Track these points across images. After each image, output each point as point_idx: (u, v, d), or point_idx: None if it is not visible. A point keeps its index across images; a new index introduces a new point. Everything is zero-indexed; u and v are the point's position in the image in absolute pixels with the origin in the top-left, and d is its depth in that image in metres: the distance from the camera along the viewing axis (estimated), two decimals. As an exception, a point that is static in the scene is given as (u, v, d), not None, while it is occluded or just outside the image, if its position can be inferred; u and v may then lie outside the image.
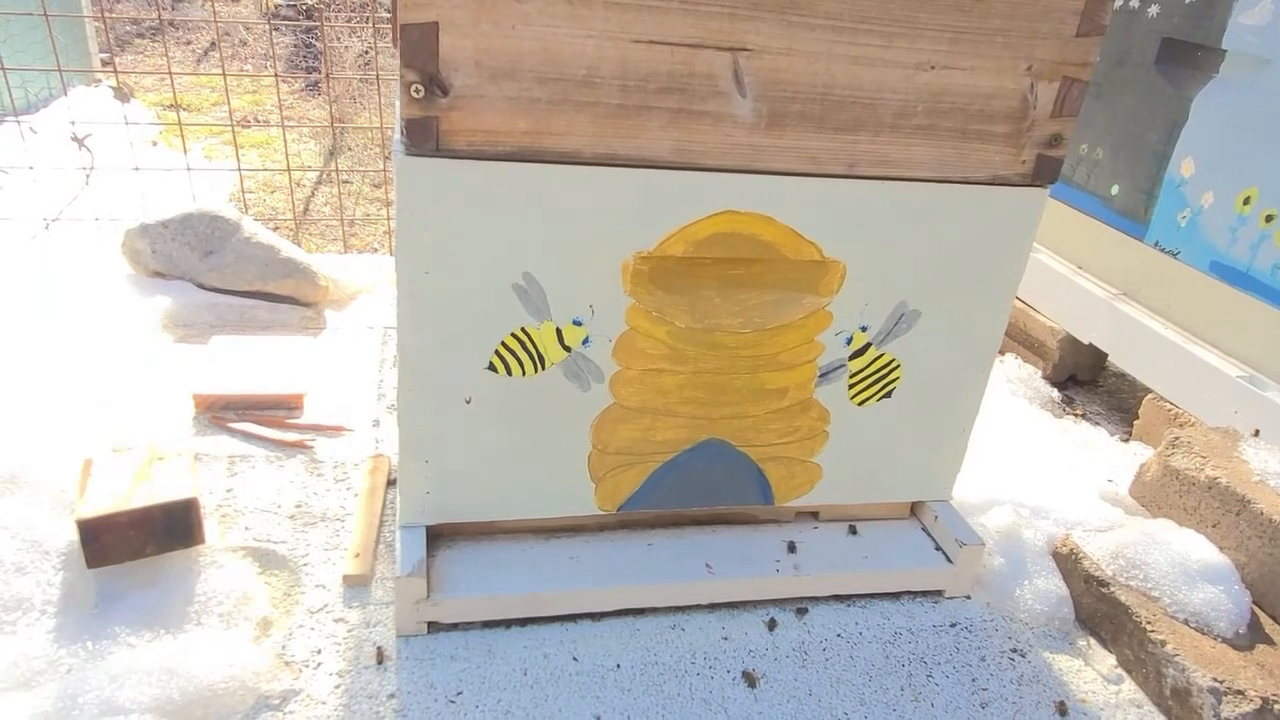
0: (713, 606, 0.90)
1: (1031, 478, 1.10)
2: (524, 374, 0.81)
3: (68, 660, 0.74)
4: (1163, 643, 0.84)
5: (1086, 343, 1.38)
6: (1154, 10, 1.29)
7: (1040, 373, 1.44)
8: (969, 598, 0.95)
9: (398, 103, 0.72)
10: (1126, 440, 1.29)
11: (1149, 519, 1.01)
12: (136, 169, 2.48)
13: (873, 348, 0.88)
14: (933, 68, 0.77)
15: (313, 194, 4.68)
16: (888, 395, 0.91)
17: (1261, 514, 0.91)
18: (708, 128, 0.75)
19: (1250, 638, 0.86)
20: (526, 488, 0.87)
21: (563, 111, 0.72)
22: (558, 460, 0.86)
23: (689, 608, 0.90)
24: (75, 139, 2.61)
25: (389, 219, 2.98)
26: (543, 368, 0.81)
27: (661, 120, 0.73)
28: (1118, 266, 1.36)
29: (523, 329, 0.79)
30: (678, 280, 0.80)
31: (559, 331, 0.80)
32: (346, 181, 4.64)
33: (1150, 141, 1.30)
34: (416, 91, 0.68)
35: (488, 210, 0.74)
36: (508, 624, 0.85)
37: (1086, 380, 1.45)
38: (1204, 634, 0.85)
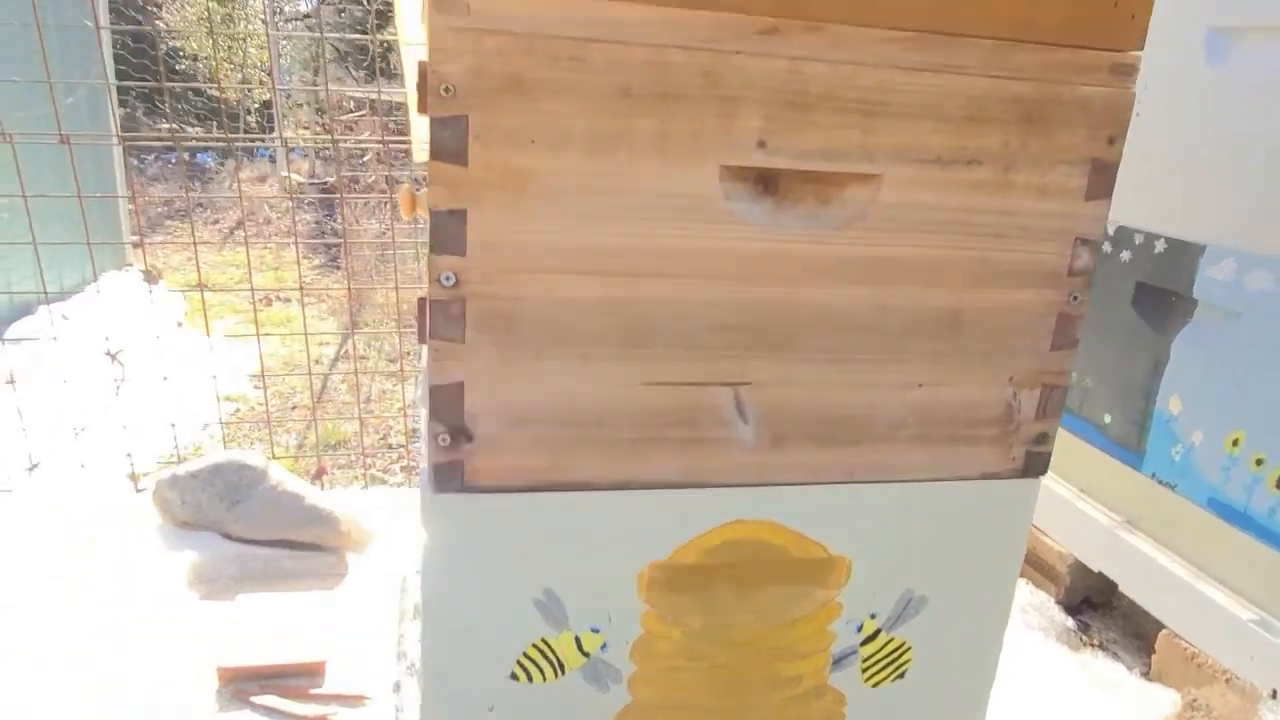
0: None
1: None
2: (544, 680, 0.83)
3: None
4: None
5: (1096, 570, 1.39)
6: (1125, 255, 1.38)
7: (1053, 599, 1.44)
8: None
9: (424, 447, 0.77)
10: (1146, 674, 1.28)
11: None
12: (165, 378, 2.57)
13: (883, 633, 0.90)
14: (920, 385, 0.82)
15: (331, 369, 4.81)
16: (901, 676, 0.93)
17: None
18: (715, 452, 0.80)
19: None
20: None
21: (579, 448, 0.77)
22: None
23: None
24: (109, 354, 2.73)
25: (403, 397, 3.04)
26: (563, 673, 0.84)
27: (671, 449, 0.79)
28: (1119, 494, 1.40)
29: (543, 639, 0.82)
30: (691, 584, 0.84)
31: (578, 639, 0.83)
32: (363, 358, 4.76)
33: (1137, 376, 1.36)
34: (443, 441, 0.74)
35: (509, 536, 0.78)
36: None
37: (1101, 603, 1.46)
38: None
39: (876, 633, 0.90)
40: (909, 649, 0.92)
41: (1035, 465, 0.88)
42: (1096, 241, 0.82)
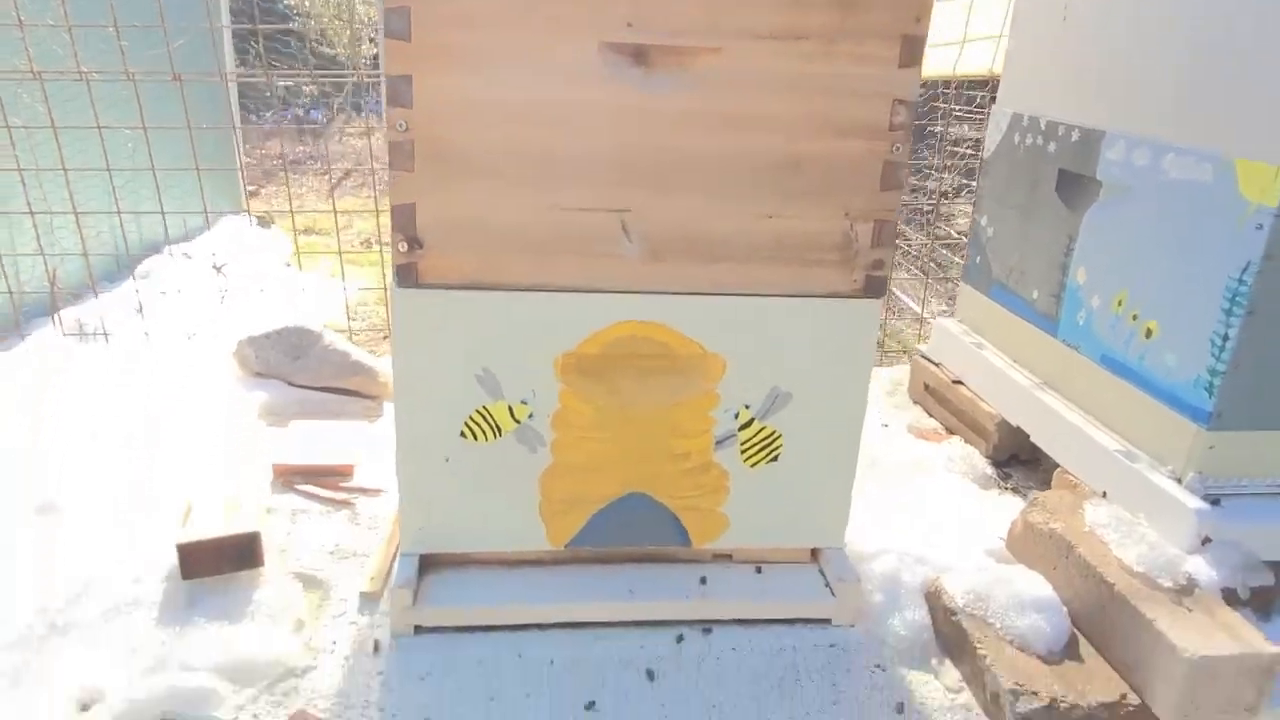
0: (636, 624, 1.15)
1: (932, 535, 1.32)
2: (486, 440, 1.11)
3: (161, 636, 1.06)
4: (985, 657, 1.04)
5: (1015, 426, 1.59)
6: (1052, 147, 1.55)
7: (980, 452, 1.64)
8: (853, 626, 1.18)
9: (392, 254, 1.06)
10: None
11: (1011, 565, 1.22)
12: (262, 290, 2.97)
13: (756, 421, 1.15)
14: (771, 217, 1.06)
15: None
16: (774, 459, 1.17)
17: (1082, 557, 1.11)
18: (608, 264, 1.05)
19: (1061, 656, 1.05)
20: (493, 527, 1.16)
21: (501, 256, 1.04)
22: (516, 506, 1.15)
23: (615, 624, 1.15)
24: (215, 267, 3.16)
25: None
26: (500, 435, 1.11)
27: (573, 260, 1.05)
28: (1039, 359, 1.58)
29: (484, 407, 1.10)
30: (596, 370, 1.10)
31: (510, 408, 1.10)
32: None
33: (1056, 254, 1.54)
34: (402, 247, 1.02)
35: (454, 324, 1.06)
36: (473, 629, 1.13)
37: (1028, 459, 1.64)
38: (1023, 652, 1.05)
39: (750, 421, 1.14)
40: (779, 436, 1.16)
41: (874, 288, 1.10)
42: (911, 102, 1.03)
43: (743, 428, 1.15)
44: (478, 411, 1.10)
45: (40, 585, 1.14)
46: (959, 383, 1.76)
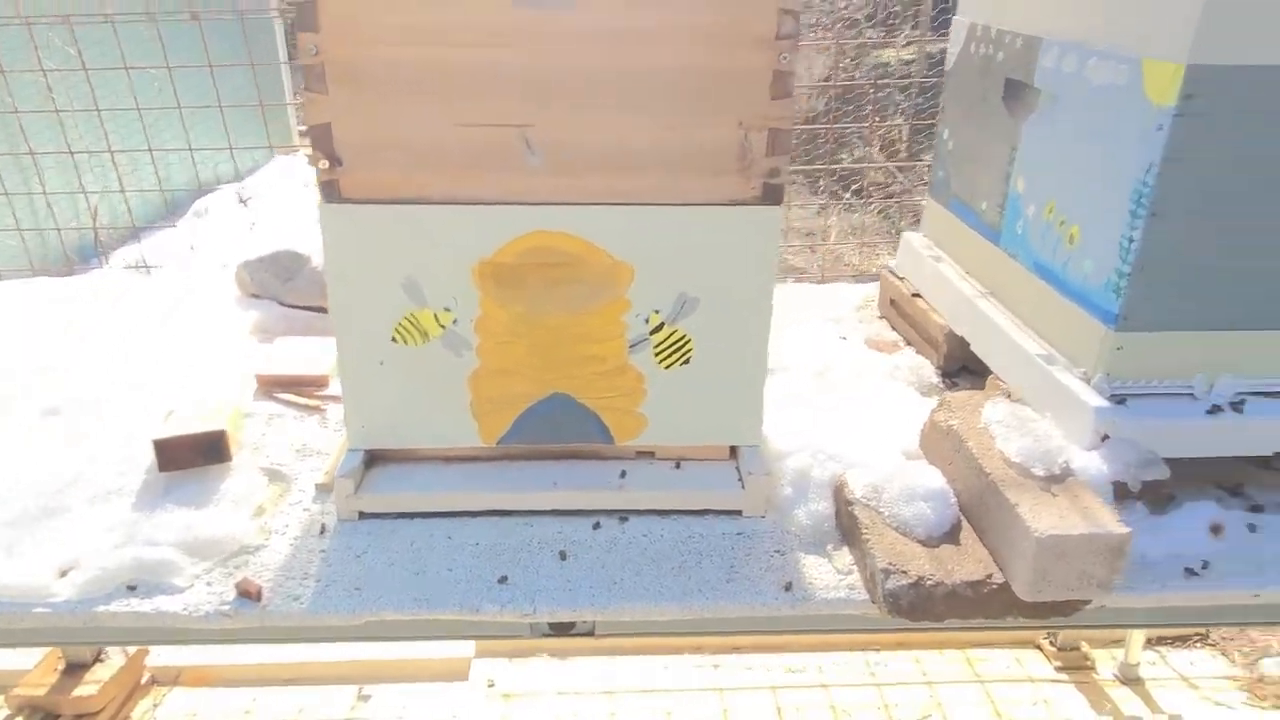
0: (559, 513, 1.26)
1: (854, 436, 1.38)
2: (416, 344, 1.21)
3: (134, 518, 1.21)
4: (868, 541, 1.12)
5: (960, 335, 1.63)
6: (1000, 56, 1.55)
7: (931, 363, 1.69)
8: (763, 517, 1.26)
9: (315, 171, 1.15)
10: (982, 415, 1.52)
11: (916, 461, 1.28)
12: (283, 220, 3.09)
13: (666, 325, 1.22)
14: (669, 129, 1.11)
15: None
16: (686, 362, 1.24)
17: (970, 450, 1.17)
18: (515, 176, 1.13)
19: (940, 541, 1.12)
20: (429, 425, 1.27)
21: (417, 171, 1.12)
22: (449, 406, 1.25)
23: (541, 513, 1.26)
24: (240, 200, 3.31)
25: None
26: (428, 340, 1.21)
27: (483, 173, 1.13)
28: (983, 270, 1.61)
29: (411, 314, 1.20)
30: (510, 278, 1.18)
31: (435, 315, 1.20)
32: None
33: (1001, 164, 1.55)
34: (323, 165, 1.11)
35: (378, 236, 1.15)
36: (412, 516, 1.24)
37: (978, 370, 1.68)
38: (905, 536, 1.13)
39: (661, 325, 1.22)
40: (689, 339, 1.23)
41: (772, 195, 1.15)
42: (796, 11, 1.06)
43: (654, 331, 1.22)
44: (406, 318, 1.20)
45: (38, 476, 1.29)
46: (918, 295, 1.80)
